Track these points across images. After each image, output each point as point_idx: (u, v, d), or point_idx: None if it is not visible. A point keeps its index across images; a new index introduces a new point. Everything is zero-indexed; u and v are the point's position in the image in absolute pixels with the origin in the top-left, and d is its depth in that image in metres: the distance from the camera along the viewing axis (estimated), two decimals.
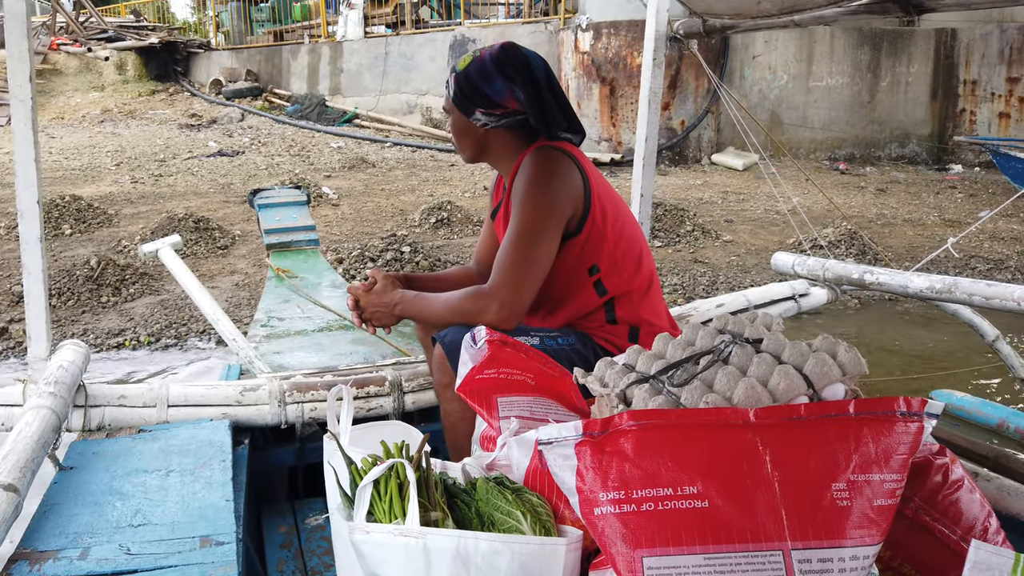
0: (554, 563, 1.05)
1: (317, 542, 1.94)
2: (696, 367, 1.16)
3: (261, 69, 15.17)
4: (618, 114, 10.12)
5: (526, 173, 1.75)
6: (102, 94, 14.90)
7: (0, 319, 5.17)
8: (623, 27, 9.89)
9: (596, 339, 1.80)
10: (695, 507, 0.90)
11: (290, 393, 2.13)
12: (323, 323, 3.12)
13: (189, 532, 1.41)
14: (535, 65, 1.80)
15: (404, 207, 8.07)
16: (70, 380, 1.84)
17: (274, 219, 4.09)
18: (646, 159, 2.48)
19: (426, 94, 12.81)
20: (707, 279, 5.93)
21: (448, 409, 1.72)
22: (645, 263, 1.87)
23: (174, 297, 5.52)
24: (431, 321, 1.84)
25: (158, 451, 1.77)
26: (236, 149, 11.08)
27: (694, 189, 9.02)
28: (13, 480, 1.37)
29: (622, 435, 0.96)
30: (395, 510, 1.12)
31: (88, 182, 9.07)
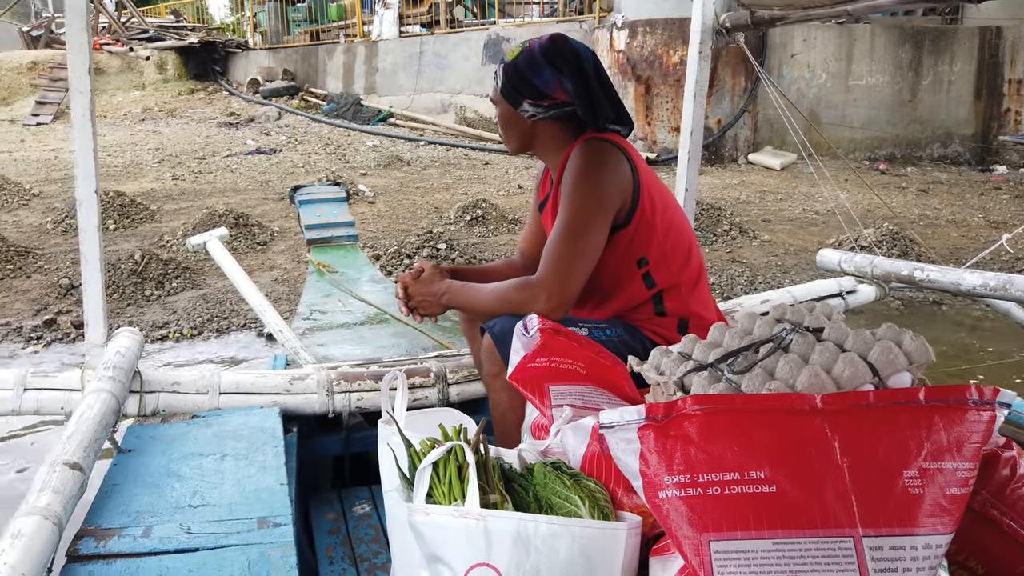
0: (614, 547, 1.05)
1: (364, 530, 1.96)
2: (756, 355, 1.15)
3: (298, 68, 15.35)
4: (653, 113, 10.07)
5: (575, 164, 1.75)
6: (143, 93, 15.20)
7: (48, 310, 5.30)
8: (659, 25, 9.83)
9: (644, 331, 1.80)
10: (762, 492, 0.90)
11: (337, 383, 2.16)
12: (364, 317, 3.15)
13: (246, 513, 1.44)
14: (584, 56, 1.80)
15: (439, 205, 8.11)
16: (127, 366, 1.88)
17: (315, 215, 4.14)
18: (691, 153, 2.47)
19: (460, 93, 12.86)
20: (745, 279, 5.87)
21: (497, 398, 1.73)
22: (694, 255, 1.86)
23: (215, 291, 5.61)
24: (478, 311, 1.85)
25: (212, 436, 1.80)
26: (273, 147, 11.23)
27: (731, 188, 8.93)
28: (78, 459, 1.41)
29: (686, 419, 0.96)
30: (454, 492, 1.13)
31: (131, 179, 9.26)
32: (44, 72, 15.04)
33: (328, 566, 1.80)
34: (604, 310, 1.86)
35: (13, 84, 15.16)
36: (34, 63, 15.49)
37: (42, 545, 1.16)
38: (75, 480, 1.36)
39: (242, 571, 1.25)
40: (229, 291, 5.52)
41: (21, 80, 15.19)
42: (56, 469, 1.35)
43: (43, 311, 5.29)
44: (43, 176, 9.27)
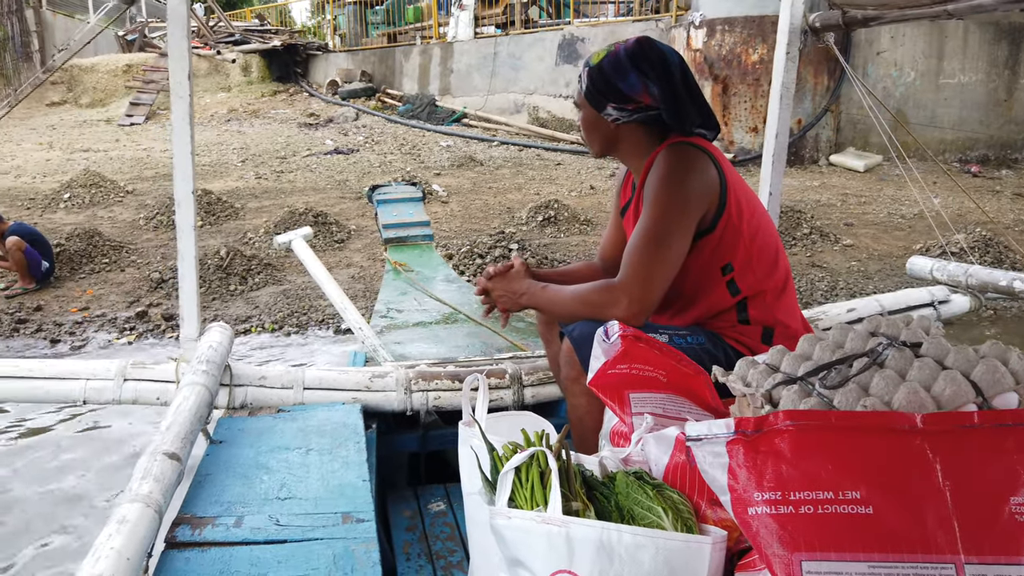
0: (699, 561, 1.04)
1: (440, 527, 1.99)
2: (849, 370, 1.12)
3: (375, 70, 15.66)
4: (730, 113, 9.86)
5: (659, 169, 1.72)
6: (229, 94, 15.79)
7: (140, 303, 5.57)
8: (738, 23, 9.62)
9: (727, 339, 1.76)
10: (858, 513, 0.87)
11: (415, 381, 2.20)
12: (439, 316, 3.19)
13: (331, 508, 1.48)
14: (671, 60, 1.77)
15: (511, 205, 8.15)
16: (219, 360, 1.96)
17: (392, 215, 4.22)
18: (776, 156, 2.41)
19: (533, 93, 12.88)
20: (825, 284, 5.69)
21: (575, 403, 1.72)
22: (781, 262, 1.81)
23: (295, 287, 5.79)
24: (557, 313, 1.85)
25: (297, 430, 1.86)
26: (351, 147, 11.49)
27: (811, 191, 8.68)
28: (176, 449, 1.47)
29: (778, 435, 0.94)
30: (536, 497, 1.13)
31: (216, 177, 9.63)
32: (138, 75, 15.80)
33: (405, 562, 1.83)
34: (685, 317, 1.84)
35: (109, 86, 15.98)
36: (129, 66, 16.30)
37: (144, 531, 1.22)
38: (173, 469, 1.42)
39: (328, 565, 1.29)
40: (308, 287, 5.69)
41: (117, 82, 16.00)
42: (156, 458, 1.41)
43: (135, 303, 5.56)
44: (136, 174, 9.74)
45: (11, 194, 8.68)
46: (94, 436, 3.56)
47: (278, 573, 1.27)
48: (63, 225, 7.29)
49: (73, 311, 5.46)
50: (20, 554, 2.65)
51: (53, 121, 14.21)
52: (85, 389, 2.02)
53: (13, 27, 16.72)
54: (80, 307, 5.53)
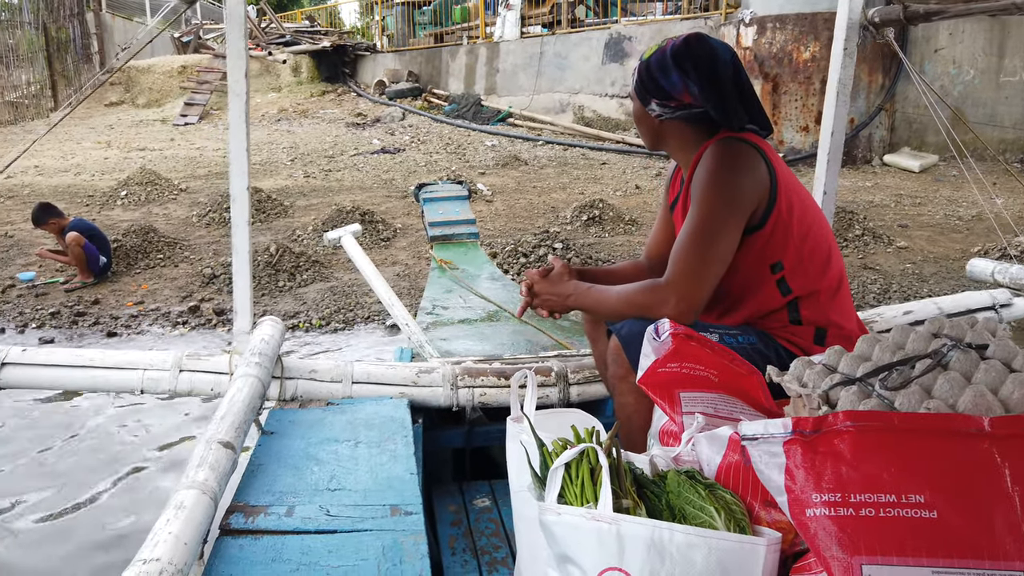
0: (753, 562, 1.02)
1: (485, 523, 1.99)
2: (911, 371, 1.09)
3: (422, 70, 15.80)
4: (780, 112, 9.69)
5: (707, 164, 1.70)
6: (279, 95, 16.09)
7: (193, 297, 5.71)
8: (790, 20, 9.45)
9: (778, 339, 1.73)
10: (921, 517, 0.85)
11: (461, 377, 2.21)
12: (484, 313, 3.20)
13: (380, 500, 1.49)
14: (720, 58, 1.74)
15: (555, 204, 8.14)
16: (271, 352, 2.00)
17: (438, 212, 4.24)
18: (831, 155, 2.36)
19: (579, 93, 12.84)
20: (878, 287, 5.55)
21: (623, 402, 1.71)
22: (834, 262, 1.77)
23: (342, 284, 5.87)
24: (604, 313, 1.83)
25: (346, 423, 1.89)
26: (397, 147, 11.61)
27: (863, 191, 8.47)
28: (230, 439, 1.51)
29: (837, 436, 0.91)
30: (586, 494, 1.13)
31: (267, 176, 9.82)
32: (192, 76, 16.20)
33: (450, 556, 1.84)
34: (734, 316, 1.81)
35: (165, 87, 16.42)
36: (184, 67, 16.72)
37: (201, 517, 1.25)
38: (228, 458, 1.46)
39: (377, 556, 1.30)
40: (355, 284, 5.76)
41: (172, 83, 16.43)
42: (212, 447, 1.45)
43: (188, 298, 5.70)
44: (189, 173, 9.99)
45: (71, 191, 8.98)
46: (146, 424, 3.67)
47: (328, 563, 1.28)
48: (120, 221, 7.51)
49: (129, 305, 5.62)
50: (81, 533, 2.74)
51: (111, 121, 14.66)
52: (143, 379, 2.08)
53: (74, 30, 17.30)
54: (135, 301, 5.69)
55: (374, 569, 1.27)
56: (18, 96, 15.19)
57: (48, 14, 16.37)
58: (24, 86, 15.41)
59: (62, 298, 5.72)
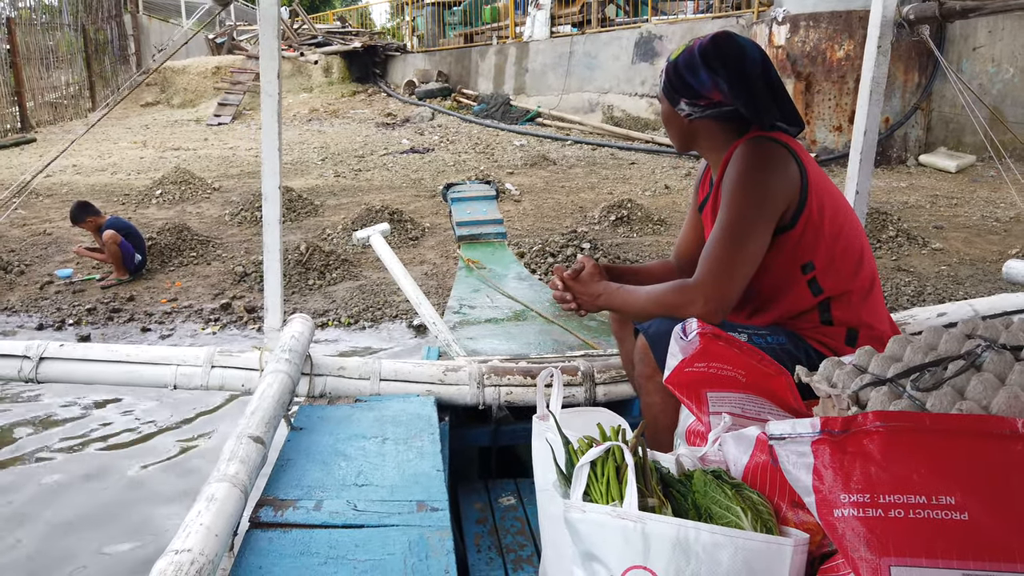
0: (779, 563, 1.01)
1: (511, 521, 2.00)
2: (944, 372, 1.07)
3: (451, 70, 15.86)
4: (813, 111, 9.56)
5: (737, 164, 1.69)
6: (310, 95, 16.26)
7: (225, 295, 5.79)
8: (824, 19, 9.32)
9: (809, 340, 1.72)
10: (952, 519, 0.83)
11: (488, 376, 2.21)
12: (511, 312, 3.21)
13: (406, 496, 1.51)
14: (749, 56, 1.73)
15: (584, 204, 8.12)
16: (300, 349, 2.02)
17: (465, 212, 4.26)
18: (864, 154, 2.33)
19: (608, 92, 12.80)
20: (912, 289, 5.46)
21: (649, 401, 1.70)
22: (866, 262, 1.75)
23: (371, 282, 5.92)
24: (633, 313, 1.83)
25: (374, 420, 1.91)
26: (426, 146, 11.67)
27: (898, 192, 8.33)
28: (260, 434, 1.53)
29: (867, 436, 0.91)
30: (612, 492, 1.13)
31: (297, 175, 9.93)
32: (225, 76, 16.45)
33: (476, 554, 1.85)
34: (764, 316, 1.79)
35: (199, 87, 16.69)
36: (217, 68, 16.98)
37: (231, 509, 1.27)
38: (258, 452, 1.48)
39: (403, 551, 1.32)
40: (383, 283, 5.80)
41: (206, 84, 16.69)
42: (242, 441, 1.47)
43: (220, 295, 5.79)
44: (222, 172, 10.14)
45: (108, 190, 9.16)
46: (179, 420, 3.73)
47: (355, 556, 1.30)
48: (155, 220, 7.65)
49: (163, 302, 5.72)
50: (116, 525, 2.80)
51: (147, 121, 14.93)
52: (176, 375, 2.12)
53: (112, 31, 17.66)
54: (169, 298, 5.79)
55: (400, 563, 1.28)
56: (57, 97, 15.54)
57: (87, 16, 16.73)
58: (63, 87, 15.76)
59: (98, 295, 5.84)
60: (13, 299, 5.80)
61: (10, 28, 14.13)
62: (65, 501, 2.98)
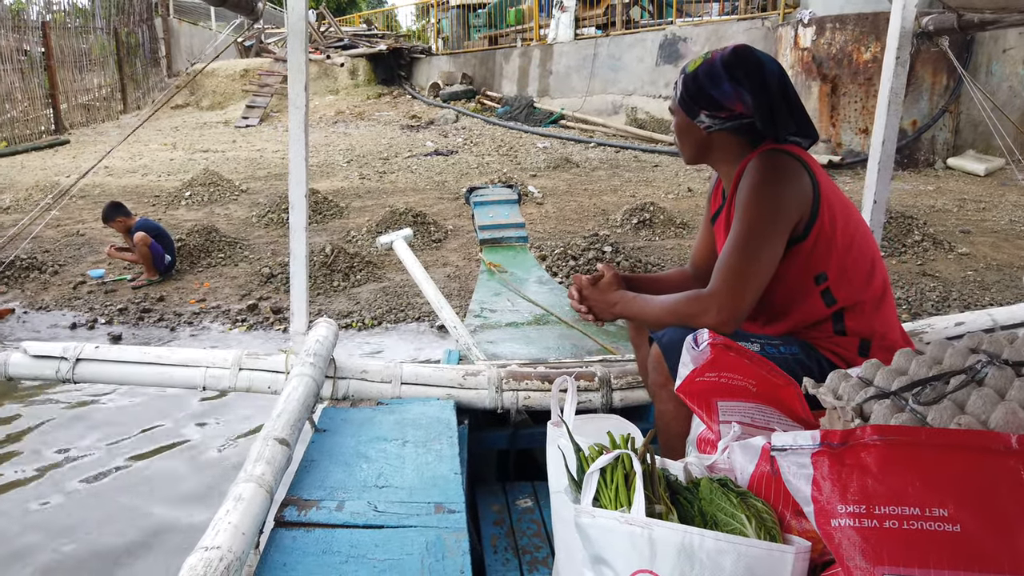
0: (781, 570, 1.05)
1: (527, 523, 2.04)
2: (945, 386, 1.10)
3: (475, 72, 15.94)
4: (839, 114, 9.49)
5: (751, 177, 1.72)
6: (336, 97, 16.43)
7: (251, 296, 5.90)
8: (850, 21, 9.25)
9: (821, 350, 1.74)
10: (945, 530, 0.87)
11: (506, 381, 2.26)
12: (531, 317, 3.25)
13: (425, 498, 1.56)
14: (768, 68, 1.76)
15: (606, 207, 8.14)
16: (325, 353, 2.09)
17: (487, 216, 4.31)
18: (882, 163, 2.34)
19: (632, 94, 12.79)
20: (937, 295, 5.41)
21: (662, 409, 1.74)
22: (878, 272, 1.77)
23: (394, 285, 5.99)
24: (648, 322, 1.87)
25: (394, 423, 1.96)
26: (450, 149, 11.75)
27: (925, 195, 8.25)
28: (286, 436, 1.59)
29: (864, 449, 0.94)
30: (620, 498, 1.17)
31: (323, 177, 10.06)
32: (253, 79, 16.68)
33: (492, 554, 1.89)
34: (778, 326, 1.82)
35: (228, 90, 16.94)
36: (246, 71, 17.22)
37: (257, 509, 1.33)
38: (283, 454, 1.54)
39: (421, 551, 1.37)
40: (406, 285, 5.88)
41: (235, 86, 16.94)
42: (268, 443, 1.53)
43: (247, 296, 5.90)
44: (250, 174, 10.30)
45: (138, 191, 9.35)
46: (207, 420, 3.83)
47: (375, 556, 1.35)
48: (184, 221, 7.80)
49: (192, 302, 5.84)
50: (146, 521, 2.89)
51: (177, 123, 15.19)
52: (205, 376, 2.19)
53: (143, 35, 17.99)
54: (198, 299, 5.91)
55: (418, 563, 1.33)
56: (90, 99, 15.86)
57: (119, 19, 17.06)
58: (95, 89, 16.08)
59: (129, 295, 5.99)
60: (47, 298, 5.96)
61: (45, 32, 14.46)
62: (101, 495, 3.08)
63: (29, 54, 14.16)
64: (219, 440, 3.61)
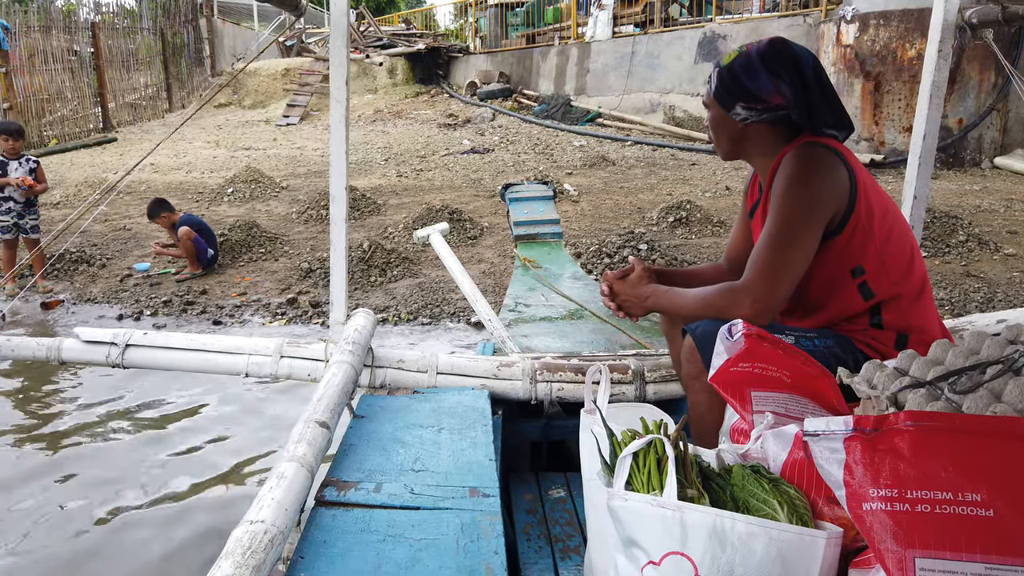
0: (812, 554, 1.05)
1: (560, 512, 2.07)
2: (982, 376, 1.10)
3: (513, 71, 15.98)
4: (882, 111, 9.32)
5: (787, 169, 1.72)
6: (375, 96, 16.61)
7: (291, 290, 6.01)
8: (895, 17, 9.08)
9: (857, 343, 1.73)
10: (977, 515, 0.87)
11: (540, 372, 2.29)
12: (565, 311, 3.27)
13: (460, 482, 1.59)
14: (804, 61, 1.76)
15: (642, 205, 8.11)
16: (363, 342, 2.13)
17: (523, 212, 4.34)
18: (922, 159, 2.31)
19: (670, 92, 12.71)
20: (981, 295, 5.30)
21: (696, 400, 1.75)
22: (916, 266, 1.76)
23: (430, 280, 6.06)
24: (681, 315, 1.87)
25: (430, 410, 2.00)
26: (487, 147, 11.80)
27: (970, 195, 8.06)
28: (326, 419, 1.64)
29: (897, 434, 0.94)
30: (652, 482, 1.19)
31: (361, 175, 10.19)
32: (294, 78, 16.94)
33: (525, 542, 1.92)
34: (814, 319, 1.82)
35: (270, 88, 17.23)
36: (287, 70, 17.50)
37: (299, 487, 1.38)
38: (323, 436, 1.59)
39: (456, 532, 1.40)
40: (442, 281, 5.93)
41: (276, 85, 17.23)
42: (309, 425, 1.58)
43: (287, 290, 6.02)
44: (290, 171, 10.47)
45: (183, 188, 9.58)
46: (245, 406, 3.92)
47: (412, 535, 1.39)
48: (226, 217, 7.97)
49: (233, 296, 5.97)
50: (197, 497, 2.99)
51: (220, 121, 15.50)
52: (248, 363, 2.25)
53: (188, 35, 18.39)
54: (239, 292, 6.04)
55: (453, 543, 1.36)
56: (136, 98, 16.27)
57: (165, 20, 17.47)
58: (142, 88, 16.49)
59: (173, 288, 6.14)
60: (95, 291, 6.15)
61: (94, 32, 14.86)
62: (149, 474, 3.18)
63: (79, 54, 14.57)
64: (258, 423, 3.69)
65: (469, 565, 1.30)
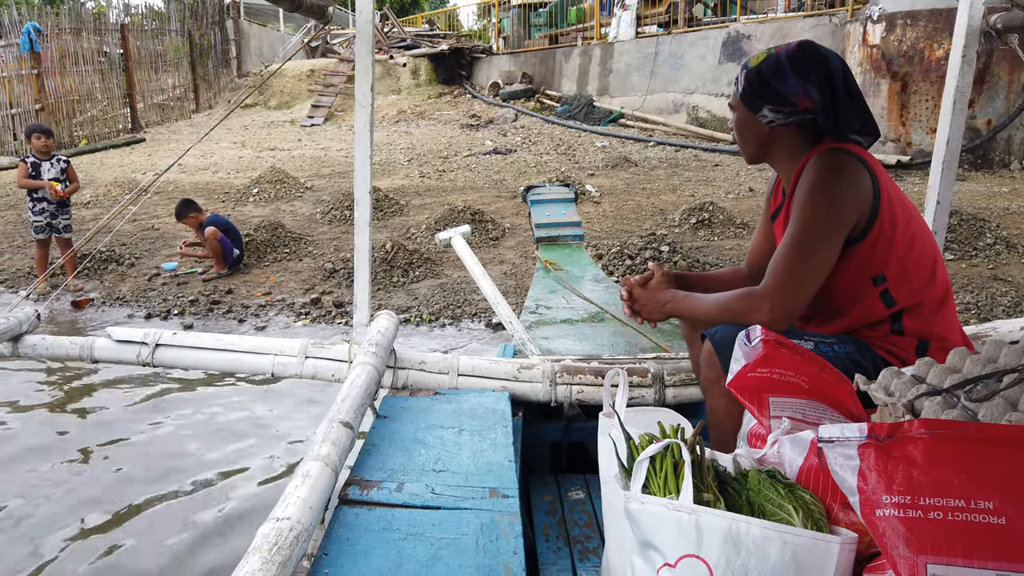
0: (826, 559, 1.07)
1: (579, 514, 2.09)
2: (998, 384, 1.10)
3: (535, 71, 16.00)
4: (909, 112, 9.22)
5: (810, 176, 1.72)
6: (399, 97, 16.71)
7: (315, 290, 6.09)
8: (922, 17, 8.97)
9: (878, 350, 1.73)
10: (990, 522, 0.88)
11: (560, 375, 2.31)
12: (586, 314, 3.28)
13: (480, 483, 1.62)
14: (833, 64, 1.76)
15: (664, 207, 8.09)
16: (386, 343, 2.17)
17: (544, 214, 4.36)
18: (946, 163, 2.30)
19: (693, 93, 12.66)
20: (1008, 299, 5.23)
21: (714, 404, 1.76)
22: (939, 274, 1.75)
23: (452, 281, 6.10)
24: (700, 320, 1.88)
25: (451, 412, 2.03)
26: (509, 147, 11.83)
27: (999, 197, 7.95)
28: (350, 419, 1.67)
29: (911, 442, 0.96)
30: (669, 486, 1.21)
31: (384, 175, 10.26)
32: (319, 79, 17.10)
33: (544, 543, 1.95)
34: (834, 325, 1.82)
35: (295, 89, 17.41)
36: (312, 71, 17.67)
37: (323, 485, 1.41)
38: (347, 436, 1.62)
39: (475, 531, 1.43)
40: (464, 282, 5.97)
41: (301, 86, 17.40)
42: (334, 425, 1.62)
43: (311, 291, 6.09)
44: (314, 172, 10.58)
45: (209, 188, 9.71)
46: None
47: (432, 534, 1.42)
48: (251, 217, 8.07)
49: (258, 295, 6.06)
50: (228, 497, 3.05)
51: (246, 122, 15.69)
52: (274, 363, 2.30)
53: (215, 36, 18.63)
54: (264, 292, 6.13)
55: (473, 543, 1.39)
56: (164, 99, 16.52)
57: (193, 22, 17.71)
58: (170, 89, 16.73)
59: (200, 287, 6.24)
60: (124, 289, 6.26)
61: (124, 34, 15.12)
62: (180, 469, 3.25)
63: (109, 55, 14.82)
64: (281, 425, 3.75)
65: (488, 564, 1.33)
